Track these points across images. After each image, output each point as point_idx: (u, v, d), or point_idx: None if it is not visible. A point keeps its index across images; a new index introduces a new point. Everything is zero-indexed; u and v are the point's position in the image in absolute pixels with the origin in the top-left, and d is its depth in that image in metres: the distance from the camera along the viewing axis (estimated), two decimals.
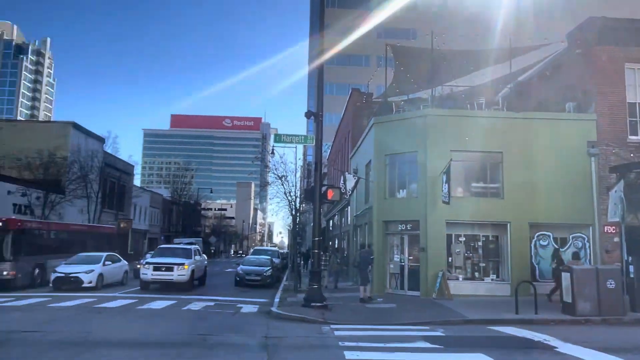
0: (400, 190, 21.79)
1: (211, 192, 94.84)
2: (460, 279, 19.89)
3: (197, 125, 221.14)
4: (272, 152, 29.24)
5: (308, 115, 18.03)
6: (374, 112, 26.08)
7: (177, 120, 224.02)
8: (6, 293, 19.73)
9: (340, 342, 10.66)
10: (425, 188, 19.92)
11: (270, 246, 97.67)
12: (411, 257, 20.61)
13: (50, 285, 22.05)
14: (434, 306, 16.92)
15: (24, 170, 36.35)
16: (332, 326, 12.94)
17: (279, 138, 19.21)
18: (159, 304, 16.92)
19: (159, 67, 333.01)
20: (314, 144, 18.09)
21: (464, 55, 24.69)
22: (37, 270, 23.34)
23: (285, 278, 30.46)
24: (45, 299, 17.99)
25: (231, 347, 10.06)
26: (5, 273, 21.25)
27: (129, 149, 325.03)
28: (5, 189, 31.67)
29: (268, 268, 26.36)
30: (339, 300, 18.14)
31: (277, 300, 18.33)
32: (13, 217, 26.23)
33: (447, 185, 18.79)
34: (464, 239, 20.21)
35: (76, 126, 42.13)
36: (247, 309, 16.55)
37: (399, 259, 21.08)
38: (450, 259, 19.97)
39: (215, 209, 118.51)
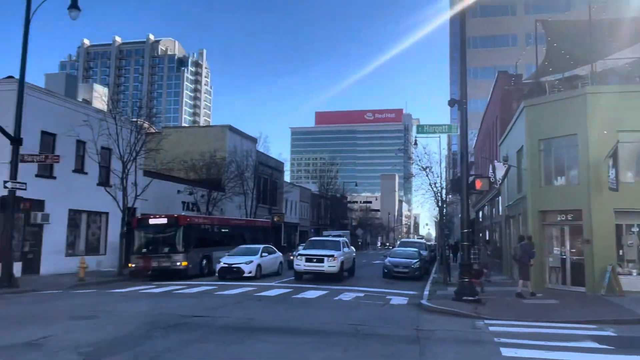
0: (558, 178, 20.11)
1: (356, 185, 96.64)
2: (634, 274, 17.77)
3: (340, 120, 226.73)
4: (415, 143, 28.93)
5: (451, 103, 17.46)
6: (524, 94, 24.41)
7: (321, 117, 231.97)
8: (179, 281, 22.11)
9: (495, 338, 10.19)
10: (587, 174, 18.12)
11: (417, 238, 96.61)
12: (574, 250, 18.93)
13: (216, 274, 24.19)
14: (602, 303, 15.38)
15: (190, 171, 40.44)
16: (486, 321, 12.40)
17: (421, 129, 18.84)
18: (312, 294, 17.67)
19: (302, 66, 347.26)
20: (458, 133, 17.47)
21: (629, 24, 21.90)
22: (204, 261, 25.77)
23: (433, 271, 29.94)
24: (212, 287, 19.80)
25: (383, 338, 10.15)
26: (178, 264, 23.79)
27: (278, 147, 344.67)
28: (175, 188, 35.53)
29: (416, 260, 26.09)
30: (492, 295, 17.32)
31: (426, 293, 18.08)
32: (183, 213, 29.27)
33: (614, 170, 16.87)
34: (638, 229, 18.02)
35: (232, 129, 45.76)
36: (396, 300, 16.57)
37: (559, 252, 19.49)
38: (620, 251, 17.95)
39: (360, 202, 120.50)
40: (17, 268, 20.43)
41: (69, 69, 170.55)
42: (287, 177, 66.32)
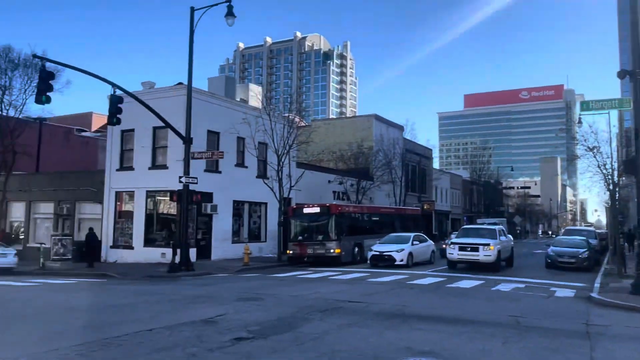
0: None
1: (512, 170, 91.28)
2: None
3: (492, 102, 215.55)
4: (579, 122, 26.46)
5: (621, 74, 15.59)
6: None
7: (470, 100, 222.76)
8: (333, 268, 22.92)
9: None
10: None
11: (585, 226, 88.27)
12: None
13: (368, 262, 24.66)
14: None
15: (339, 162, 41.61)
16: None
17: (586, 105, 17.15)
18: (467, 283, 17.15)
19: (446, 47, 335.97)
20: (631, 108, 15.54)
21: None
22: (356, 249, 26.39)
23: (605, 261, 27.18)
24: (364, 274, 20.21)
25: (547, 331, 9.49)
26: (332, 251, 24.69)
27: (425, 133, 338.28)
28: (326, 178, 36.86)
29: (584, 250, 23.87)
30: None
31: (597, 285, 16.49)
32: (334, 202, 30.25)
33: None
34: None
35: (378, 118, 46.05)
36: (561, 293, 15.37)
37: None
38: None
39: (517, 188, 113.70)
40: (192, 253, 22.92)
41: (227, 71, 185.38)
42: (435, 164, 64.86)
